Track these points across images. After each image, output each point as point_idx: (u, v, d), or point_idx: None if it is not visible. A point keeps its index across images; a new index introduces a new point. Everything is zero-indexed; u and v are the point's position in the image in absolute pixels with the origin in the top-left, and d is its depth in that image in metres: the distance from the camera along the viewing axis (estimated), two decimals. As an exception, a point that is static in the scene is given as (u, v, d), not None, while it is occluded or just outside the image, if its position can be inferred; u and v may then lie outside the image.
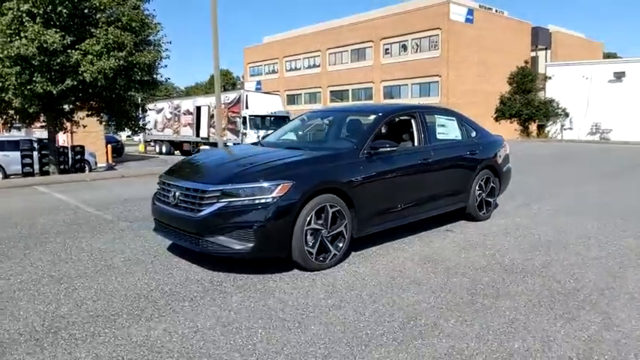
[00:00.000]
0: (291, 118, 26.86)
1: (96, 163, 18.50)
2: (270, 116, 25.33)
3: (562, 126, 30.06)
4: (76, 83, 10.81)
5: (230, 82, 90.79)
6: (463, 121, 6.46)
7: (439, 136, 5.94)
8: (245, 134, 24.57)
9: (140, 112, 16.10)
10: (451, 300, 3.79)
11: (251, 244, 4.11)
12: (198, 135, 29.54)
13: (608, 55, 56.32)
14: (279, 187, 4.12)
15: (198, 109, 29.66)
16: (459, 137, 6.26)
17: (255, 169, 4.38)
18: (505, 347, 3.02)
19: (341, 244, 4.59)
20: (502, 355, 2.93)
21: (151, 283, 4.18)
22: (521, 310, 3.59)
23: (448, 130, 6.13)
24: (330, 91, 52.12)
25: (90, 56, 10.57)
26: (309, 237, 4.31)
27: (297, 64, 55.94)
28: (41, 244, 5.55)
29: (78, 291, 4.02)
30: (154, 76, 12.61)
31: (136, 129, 14.16)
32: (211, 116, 28.51)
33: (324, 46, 51.05)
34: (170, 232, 4.64)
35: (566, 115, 28.93)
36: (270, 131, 7.18)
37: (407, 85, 44.41)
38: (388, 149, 4.91)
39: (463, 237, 5.75)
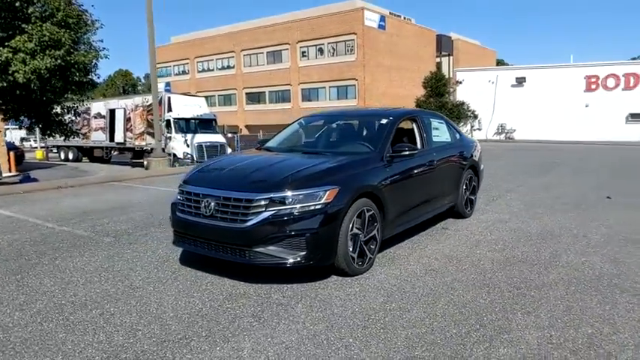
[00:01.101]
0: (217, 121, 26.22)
1: (1, 173, 16.49)
2: (197, 119, 24.44)
3: (472, 127, 32.54)
4: (5, 84, 9.61)
5: (130, 84, 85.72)
6: (449, 124, 6.81)
7: (434, 139, 6.20)
8: (170, 138, 23.45)
9: (73, 115, 14.70)
10: (502, 295, 4.00)
11: (302, 253, 4.01)
12: (112, 140, 27.68)
13: (500, 63, 61.89)
14: (328, 192, 4.07)
15: (112, 112, 27.73)
16: (450, 139, 6.59)
17: (301, 175, 4.27)
18: (582, 333, 3.28)
19: (373, 247, 4.64)
20: (584, 340, 3.17)
21: (193, 302, 3.91)
22: (569, 298, 3.89)
23: (440, 133, 6.42)
24: (246, 93, 51.52)
25: (22, 54, 9.46)
26: (349, 242, 4.30)
27: (210, 65, 54.55)
28: (28, 267, 4.92)
29: (117, 316, 3.65)
30: (91, 76, 11.61)
31: (68, 134, 12.90)
32: (128, 119, 26.88)
33: (239, 47, 50.31)
34: (201, 245, 4.36)
35: (475, 116, 31.40)
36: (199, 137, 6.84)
37: (325, 87, 45.23)
38: (407, 153, 5.04)
39: (463, 234, 6.07)
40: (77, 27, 10.46)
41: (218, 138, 23.96)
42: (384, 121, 5.59)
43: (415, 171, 5.39)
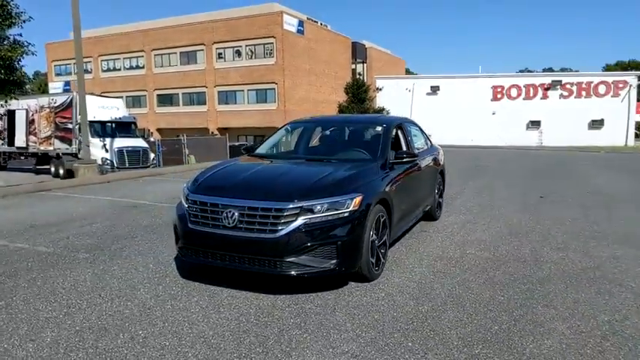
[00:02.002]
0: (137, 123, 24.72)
1: None
2: (114, 122, 22.94)
3: (391, 131, 34.07)
4: None
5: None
6: (422, 131, 7.15)
7: (415, 145, 6.49)
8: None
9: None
10: (514, 291, 4.32)
11: (334, 261, 4.03)
12: (11, 144, 25.11)
13: (408, 72, 65.34)
14: (354, 200, 4.12)
15: (11, 113, 25.10)
16: (425, 146, 6.92)
17: (326, 183, 4.26)
18: (601, 321, 3.66)
19: (384, 252, 4.76)
20: (606, 327, 3.55)
21: (225, 317, 3.76)
22: (571, 291, 4.31)
23: (418, 139, 6.72)
24: (158, 95, 49.25)
25: None
26: (369, 248, 4.39)
27: (117, 65, 51.39)
28: (6, 292, 4.37)
29: (152, 339, 3.40)
30: (16, 74, 10.42)
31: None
32: (31, 122, 24.54)
33: (149, 46, 47.99)
34: (221, 258, 4.18)
35: (393, 121, 32.82)
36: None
37: (243, 90, 44.60)
38: (408, 159, 5.24)
39: (443, 235, 6.41)
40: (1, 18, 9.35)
41: (140, 142, 22.67)
42: (379, 128, 5.74)
43: (409, 176, 5.61)
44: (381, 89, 33.89)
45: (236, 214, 4.04)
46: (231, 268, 4.22)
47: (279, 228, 3.93)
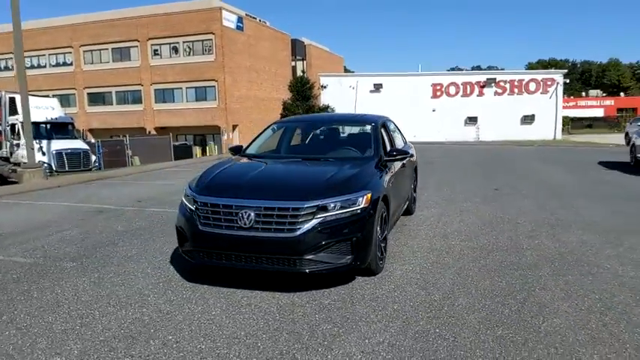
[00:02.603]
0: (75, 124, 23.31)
1: None
2: (50, 123, 21.61)
3: (335, 128, 34.60)
4: None
5: None
6: (398, 129, 7.43)
7: (396, 142, 6.75)
8: (18, 145, 20.31)
9: None
10: (511, 277, 4.68)
11: (349, 257, 4.17)
12: None
13: (346, 70, 66.35)
14: (365, 197, 4.28)
15: None
16: (402, 143, 7.20)
17: (337, 182, 4.38)
18: (594, 298, 4.07)
19: (384, 246, 4.96)
20: (600, 303, 3.96)
21: (251, 318, 3.80)
22: (560, 274, 4.73)
23: (397, 137, 6.99)
24: (88, 94, 46.73)
25: None
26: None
27: (42, 61, 48.17)
28: (3, 306, 4.11)
29: (185, 344, 3.39)
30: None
31: None
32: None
33: (78, 42, 45.42)
34: (236, 259, 4.19)
35: (338, 119, 33.33)
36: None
37: (181, 88, 43.33)
38: (400, 157, 5.47)
39: (424, 228, 6.73)
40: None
41: (79, 144, 21.54)
42: (367, 127, 5.93)
43: (397, 173, 5.84)
44: (325, 87, 34.26)
45: (252, 214, 4.07)
46: (247, 268, 4.25)
47: (297, 227, 4.01)
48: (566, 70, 35.71)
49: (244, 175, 4.71)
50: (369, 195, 4.33)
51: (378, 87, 33.14)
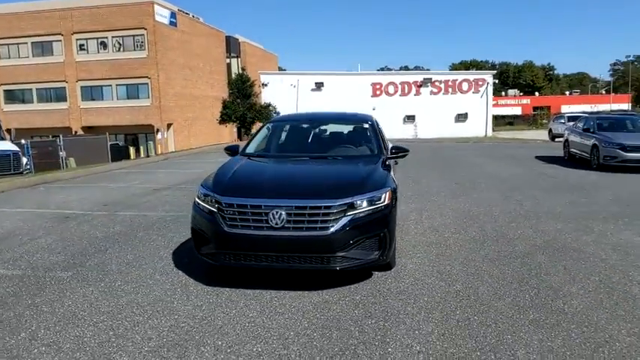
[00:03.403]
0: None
1: None
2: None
3: (278, 127, 34.43)
4: None
5: None
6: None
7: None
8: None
9: None
10: (515, 266, 5.01)
11: (377, 252, 4.28)
12: None
13: (280, 68, 66.12)
14: (387, 193, 4.42)
15: None
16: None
17: (361, 179, 4.48)
18: (595, 280, 4.48)
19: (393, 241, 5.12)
20: (602, 283, 4.37)
21: (292, 317, 3.80)
22: (555, 259, 5.14)
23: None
24: (5, 91, 43.10)
25: None
26: (390, 238, 4.71)
27: (-53, 56, 43.70)
28: (15, 321, 3.80)
29: (239, 347, 3.34)
30: None
31: None
32: None
33: (-8, 35, 41.73)
34: (266, 259, 4.15)
35: (280, 117, 33.22)
36: None
37: (111, 85, 41.14)
38: (402, 154, 5.65)
39: (409, 223, 6.99)
40: None
41: (8, 145, 19.75)
42: (366, 125, 6.06)
43: (394, 169, 6.02)
44: (266, 85, 34.02)
45: (283, 214, 4.05)
46: (277, 268, 4.23)
47: (330, 225, 4.05)
48: (495, 71, 38.12)
49: (262, 175, 4.68)
50: (390, 191, 4.47)
51: (319, 85, 33.46)
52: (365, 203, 4.21)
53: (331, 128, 6.32)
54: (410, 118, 32.59)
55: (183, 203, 8.72)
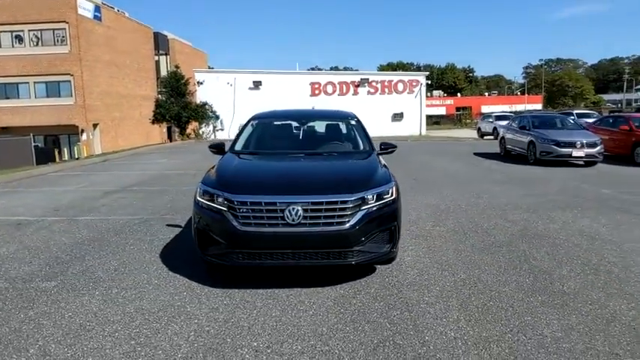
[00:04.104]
0: None
1: None
2: None
3: (214, 127, 33.52)
4: None
5: None
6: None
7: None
8: None
9: None
10: (506, 253, 5.31)
11: (388, 245, 4.37)
12: None
13: (209, 67, 64.54)
14: (393, 187, 4.52)
15: None
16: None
17: (368, 175, 4.54)
18: (592, 260, 4.87)
19: (389, 235, 5.24)
20: (599, 265, 4.76)
21: (321, 314, 3.79)
22: (537, 245, 5.50)
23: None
24: None
25: None
26: (394, 232, 4.82)
27: None
28: (11, 336, 3.45)
29: (280, 346, 3.28)
30: None
31: None
32: None
33: None
34: (282, 256, 4.09)
35: (217, 117, 32.48)
36: None
37: (28, 83, 38.07)
38: (390, 150, 5.78)
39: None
40: None
41: None
42: (353, 121, 6.13)
43: None
44: (201, 83, 33.05)
45: (300, 210, 4.01)
46: (292, 265, 4.18)
47: (346, 220, 4.07)
48: (427, 73, 39.77)
49: (268, 172, 4.63)
50: (395, 185, 4.57)
51: (257, 84, 33.09)
52: (375, 198, 4.27)
53: (319, 125, 6.31)
54: (347, 118, 33.34)
55: (145, 206, 8.32)
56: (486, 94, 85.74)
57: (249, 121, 6.16)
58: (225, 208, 4.16)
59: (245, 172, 4.65)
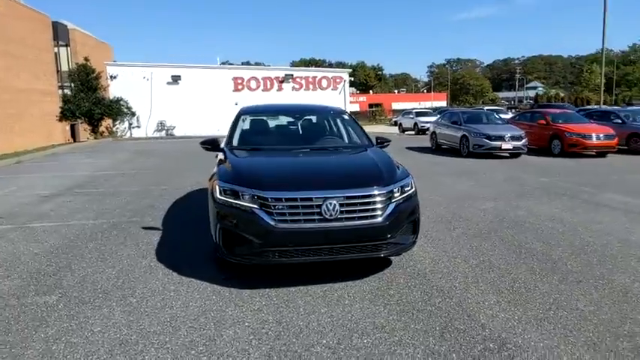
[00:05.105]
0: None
1: None
2: None
3: (130, 124, 31.48)
4: None
5: None
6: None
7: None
8: None
9: None
10: (500, 238, 5.68)
11: (412, 236, 4.49)
12: None
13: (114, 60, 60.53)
14: (412, 180, 4.65)
15: None
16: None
17: (390, 168, 4.59)
18: (591, 240, 5.38)
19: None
20: (599, 243, 5.27)
21: (367, 307, 3.82)
22: (525, 231, 5.95)
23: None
24: None
25: None
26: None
27: None
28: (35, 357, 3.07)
29: (349, 340, 3.27)
30: None
31: None
32: None
33: None
34: (317, 252, 4.04)
35: (133, 113, 30.50)
36: None
37: None
38: (386, 144, 5.90)
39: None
40: None
41: None
42: (345, 115, 6.17)
43: None
44: (115, 77, 30.85)
45: (335, 204, 3.99)
46: (326, 260, 4.13)
47: (380, 213, 4.13)
48: (350, 70, 40.65)
49: (287, 168, 4.58)
50: (412, 178, 4.70)
51: (176, 79, 31.62)
52: (399, 190, 4.37)
53: (314, 119, 6.26)
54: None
55: (103, 210, 7.70)
56: (396, 91, 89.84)
57: (238, 117, 5.92)
58: (256, 206, 4.01)
59: (266, 168, 4.50)
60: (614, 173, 11.34)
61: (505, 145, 14.14)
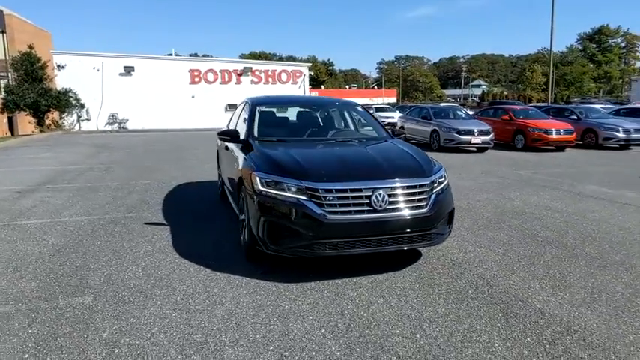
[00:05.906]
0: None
1: None
2: None
3: (79, 117, 29.76)
4: None
5: None
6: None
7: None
8: None
9: None
10: (508, 227, 5.90)
11: (449, 227, 4.57)
12: None
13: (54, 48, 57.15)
14: (445, 170, 4.74)
15: None
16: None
17: (426, 159, 4.64)
18: (589, 227, 5.67)
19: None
20: (598, 229, 5.57)
21: (413, 297, 3.85)
22: (526, 220, 6.21)
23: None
24: None
25: None
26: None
27: None
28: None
29: (412, 332, 3.29)
30: None
31: None
32: None
33: None
34: (365, 244, 4.02)
35: (82, 106, 28.85)
36: None
37: None
38: (403, 136, 5.96)
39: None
40: None
41: None
42: (359, 108, 6.14)
43: None
44: (63, 67, 29.02)
45: (384, 195, 4.00)
46: (374, 252, 4.12)
47: (425, 203, 4.17)
48: (310, 64, 40.46)
49: (327, 159, 4.53)
50: (444, 169, 4.78)
51: (129, 70, 30.18)
52: (436, 181, 4.43)
53: (330, 111, 6.19)
54: (232, 107, 32.21)
55: (92, 205, 7.29)
56: (347, 87, 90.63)
57: (254, 108, 5.73)
58: (305, 197, 3.94)
59: (307, 159, 4.39)
60: (580, 166, 12.06)
61: (474, 140, 14.65)
